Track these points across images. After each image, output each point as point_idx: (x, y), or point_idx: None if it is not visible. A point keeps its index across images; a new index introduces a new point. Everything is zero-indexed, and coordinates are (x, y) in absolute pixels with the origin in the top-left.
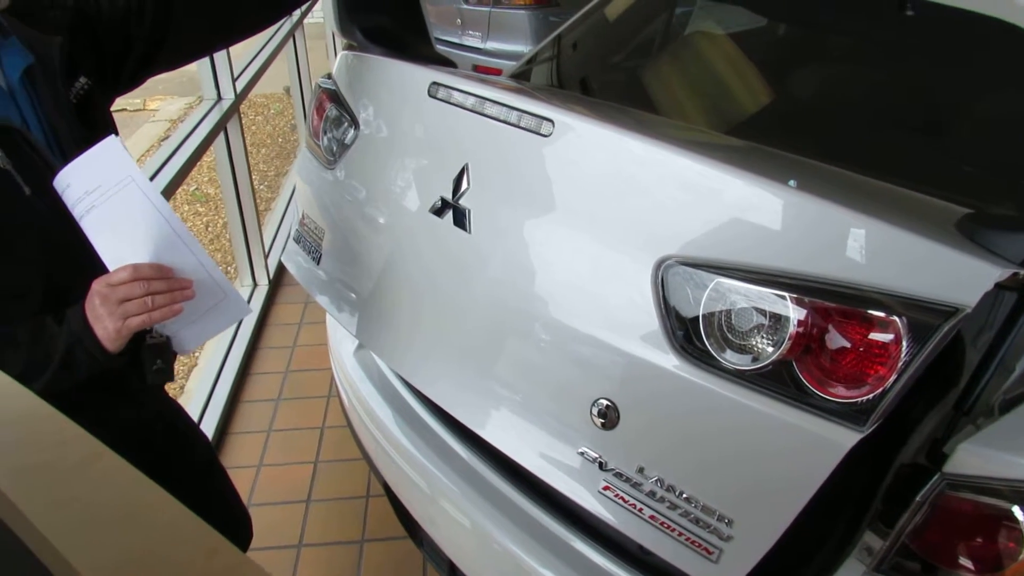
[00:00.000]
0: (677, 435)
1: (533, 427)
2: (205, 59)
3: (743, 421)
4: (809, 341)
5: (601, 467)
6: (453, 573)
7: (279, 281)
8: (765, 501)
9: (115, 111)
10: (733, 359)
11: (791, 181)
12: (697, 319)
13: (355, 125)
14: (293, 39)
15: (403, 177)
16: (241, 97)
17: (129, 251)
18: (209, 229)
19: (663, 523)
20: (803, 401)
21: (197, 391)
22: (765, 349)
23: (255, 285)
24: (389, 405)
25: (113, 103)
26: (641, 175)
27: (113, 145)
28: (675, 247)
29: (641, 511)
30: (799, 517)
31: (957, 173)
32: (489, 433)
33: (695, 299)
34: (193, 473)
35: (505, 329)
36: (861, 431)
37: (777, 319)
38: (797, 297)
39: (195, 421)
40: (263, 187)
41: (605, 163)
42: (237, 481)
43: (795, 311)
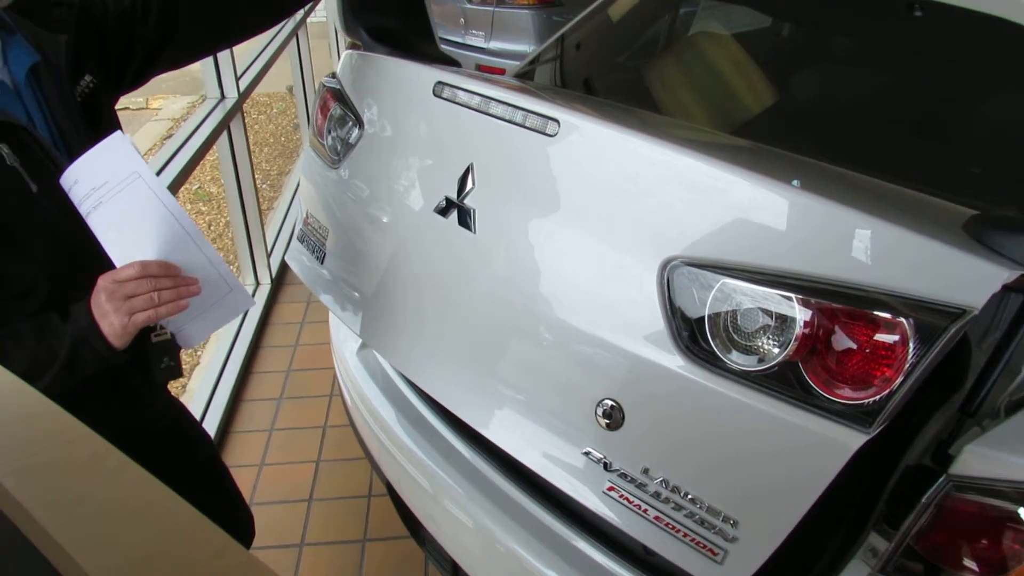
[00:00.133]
0: (682, 436)
1: (537, 427)
2: (209, 58)
3: (748, 422)
4: (815, 342)
5: (606, 468)
6: (456, 573)
7: (281, 280)
8: (770, 502)
9: (118, 109)
10: (739, 360)
11: (794, 181)
12: (703, 320)
13: (359, 124)
14: (296, 38)
15: (408, 176)
16: (244, 96)
17: (136, 247)
18: (211, 228)
19: (668, 524)
20: (809, 402)
21: (199, 390)
22: (771, 350)
23: (257, 284)
24: (392, 404)
25: (118, 101)
26: (647, 175)
27: (120, 141)
28: (681, 247)
29: (646, 512)
30: (804, 518)
31: (964, 174)
32: (493, 433)
33: (701, 300)
34: (196, 472)
35: (510, 329)
36: (867, 433)
37: (783, 320)
38: (803, 298)
39: (197, 420)
40: (265, 186)
41: (611, 163)
42: (239, 480)
43: (801, 312)
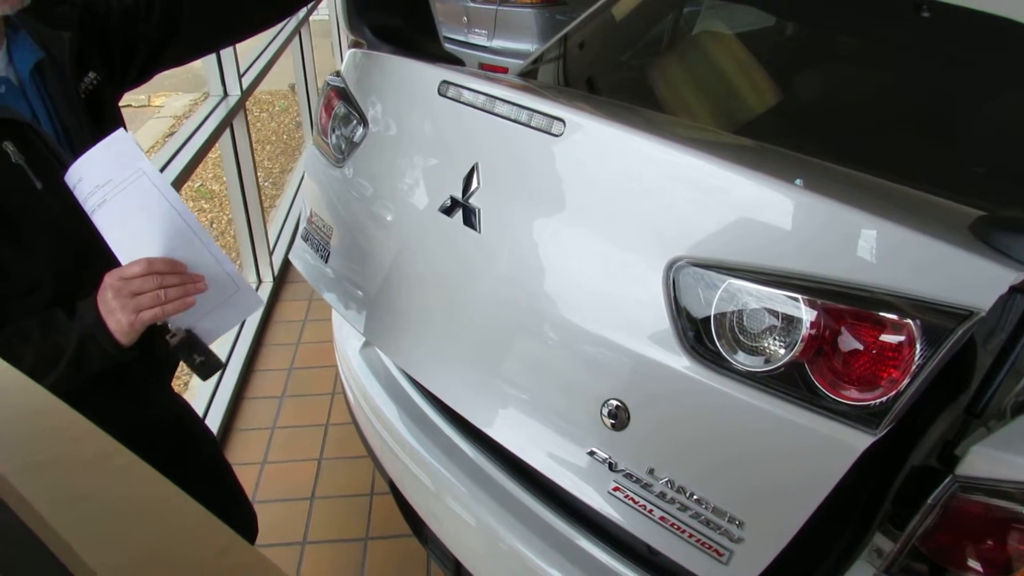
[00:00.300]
0: (688, 437)
1: (542, 427)
2: (212, 55)
3: (754, 423)
4: (822, 343)
5: (611, 468)
6: (459, 572)
7: (283, 278)
8: (776, 503)
9: (120, 107)
10: (745, 361)
11: (797, 180)
12: (708, 320)
13: (364, 123)
14: (299, 36)
15: (412, 175)
16: (247, 94)
17: (141, 245)
18: (214, 226)
19: (673, 524)
20: (815, 403)
21: (201, 388)
22: (777, 351)
23: (259, 282)
24: (395, 402)
25: (121, 98)
26: (653, 175)
27: (124, 139)
28: (687, 248)
29: (651, 512)
30: (809, 519)
31: (971, 175)
32: (497, 432)
33: (706, 300)
34: (199, 469)
35: (514, 328)
36: (874, 434)
37: (789, 321)
38: (810, 299)
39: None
40: (268, 184)
41: (617, 163)
42: (241, 478)
43: (808, 313)
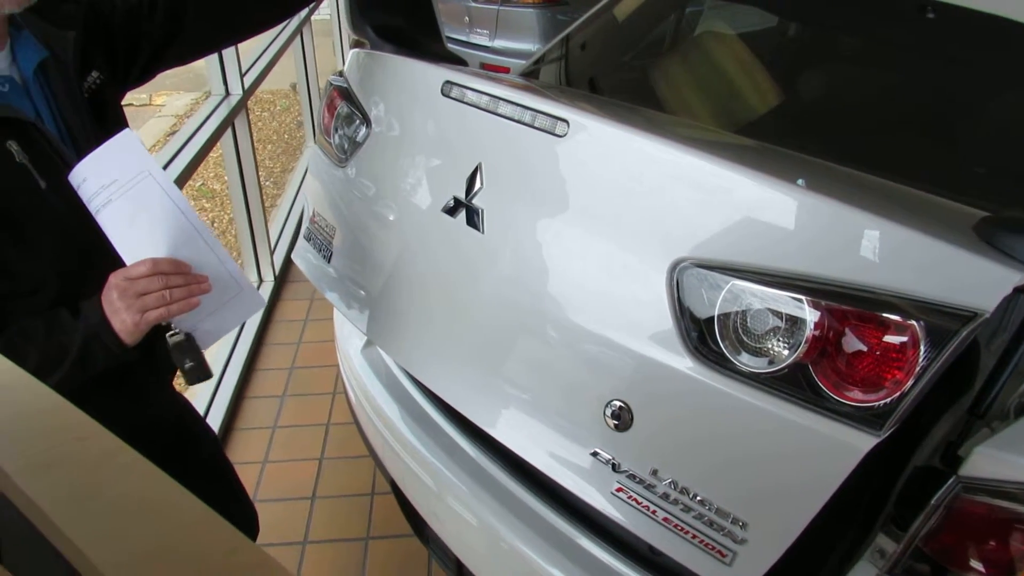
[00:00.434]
0: (692, 438)
1: (545, 427)
2: (214, 55)
3: (758, 424)
4: (825, 344)
5: (614, 469)
6: (460, 571)
7: (284, 277)
8: (780, 504)
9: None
10: (748, 362)
11: (799, 180)
12: (712, 321)
13: (367, 123)
14: (301, 36)
15: (415, 175)
16: (249, 93)
17: (146, 245)
18: (215, 225)
19: (677, 525)
20: (819, 405)
21: (202, 387)
22: (781, 352)
23: (261, 281)
24: (396, 402)
25: (124, 97)
26: (657, 176)
27: (129, 139)
28: (690, 248)
29: (655, 513)
30: (813, 520)
31: (974, 175)
32: (500, 432)
33: (710, 301)
34: (200, 469)
35: (517, 329)
36: (878, 435)
37: (793, 322)
38: (814, 300)
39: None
40: (269, 183)
41: (620, 164)
42: (242, 477)
43: (811, 314)
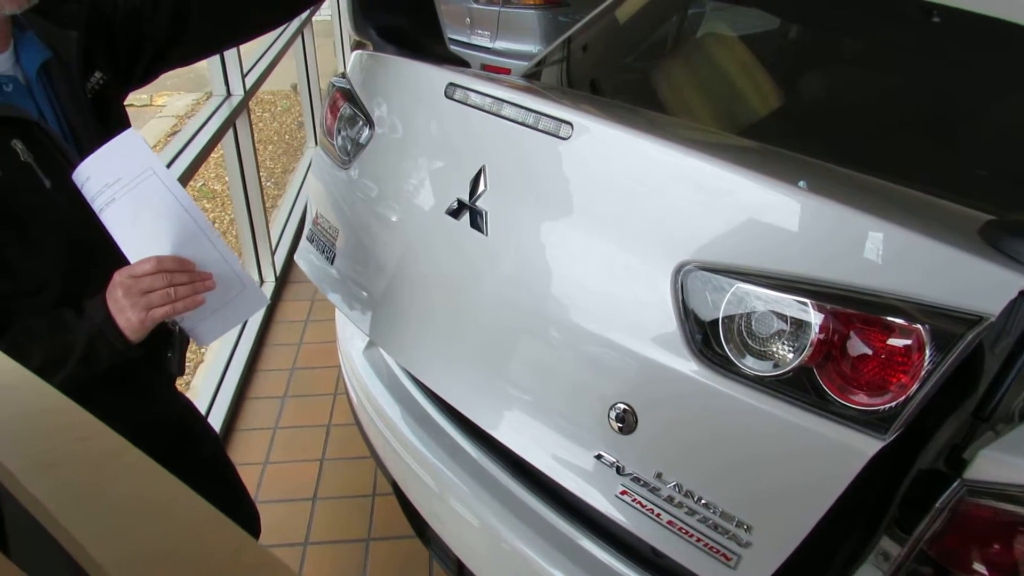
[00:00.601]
0: (696, 441)
1: (548, 430)
2: (215, 55)
3: (763, 427)
4: (830, 348)
5: (619, 471)
6: (461, 572)
7: (285, 278)
8: (785, 508)
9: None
10: (753, 365)
11: (801, 182)
12: (717, 324)
13: (370, 125)
14: (302, 36)
15: (419, 177)
16: (250, 93)
17: (150, 243)
18: (216, 226)
19: (681, 528)
20: (824, 408)
21: (203, 387)
22: (786, 355)
23: (262, 282)
24: (398, 403)
25: (127, 97)
26: (661, 179)
27: (133, 138)
28: (695, 251)
29: (659, 516)
30: (817, 523)
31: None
32: (503, 434)
33: (715, 304)
34: (202, 468)
35: (521, 331)
36: (883, 439)
37: (798, 325)
38: (819, 303)
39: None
40: (270, 184)
41: (625, 166)
42: (243, 478)
43: (817, 317)
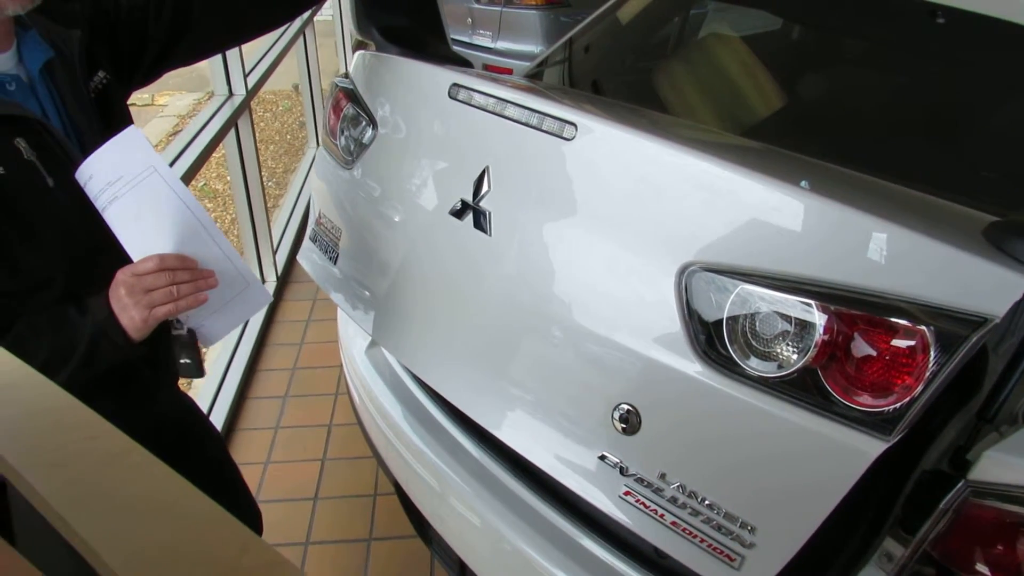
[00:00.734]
0: (700, 442)
1: (552, 430)
2: (217, 55)
3: (767, 428)
4: (835, 349)
5: (622, 472)
6: (463, 572)
7: (287, 278)
8: (789, 509)
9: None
10: (757, 366)
11: (803, 182)
12: (721, 325)
13: (373, 125)
14: (303, 36)
15: (422, 178)
16: (252, 93)
17: (153, 241)
18: (217, 225)
19: (685, 529)
20: (828, 409)
21: (205, 387)
22: (790, 356)
23: (263, 281)
24: (400, 403)
25: (129, 97)
26: (666, 179)
27: (134, 135)
28: (699, 252)
29: (663, 517)
30: (822, 524)
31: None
32: (506, 434)
33: (719, 305)
34: (206, 468)
35: (525, 332)
36: (887, 440)
37: (803, 326)
38: (823, 304)
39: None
40: (271, 184)
41: (629, 167)
42: (244, 477)
43: (821, 318)
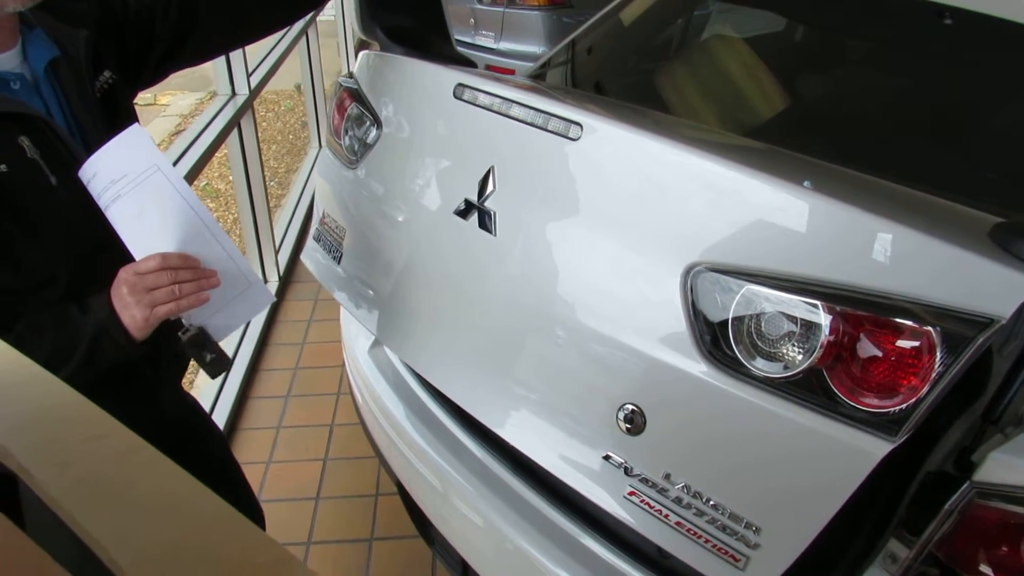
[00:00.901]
0: (705, 442)
1: (556, 430)
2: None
3: (772, 429)
4: (840, 350)
5: (627, 472)
6: (465, 572)
7: (289, 277)
8: (794, 510)
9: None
10: (763, 366)
11: (805, 182)
12: (726, 326)
13: (377, 124)
14: (306, 36)
15: (426, 178)
16: (255, 93)
17: (155, 240)
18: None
19: (690, 530)
20: (834, 410)
21: (207, 387)
22: (795, 357)
23: (265, 281)
24: (403, 402)
25: (135, 97)
26: (671, 180)
27: (138, 134)
28: (705, 252)
29: (667, 517)
30: (826, 525)
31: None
32: (510, 434)
33: (724, 305)
34: (209, 468)
35: (530, 332)
36: (892, 441)
37: (808, 327)
38: (829, 305)
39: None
40: (273, 183)
41: (635, 167)
42: (246, 477)
43: (827, 319)
